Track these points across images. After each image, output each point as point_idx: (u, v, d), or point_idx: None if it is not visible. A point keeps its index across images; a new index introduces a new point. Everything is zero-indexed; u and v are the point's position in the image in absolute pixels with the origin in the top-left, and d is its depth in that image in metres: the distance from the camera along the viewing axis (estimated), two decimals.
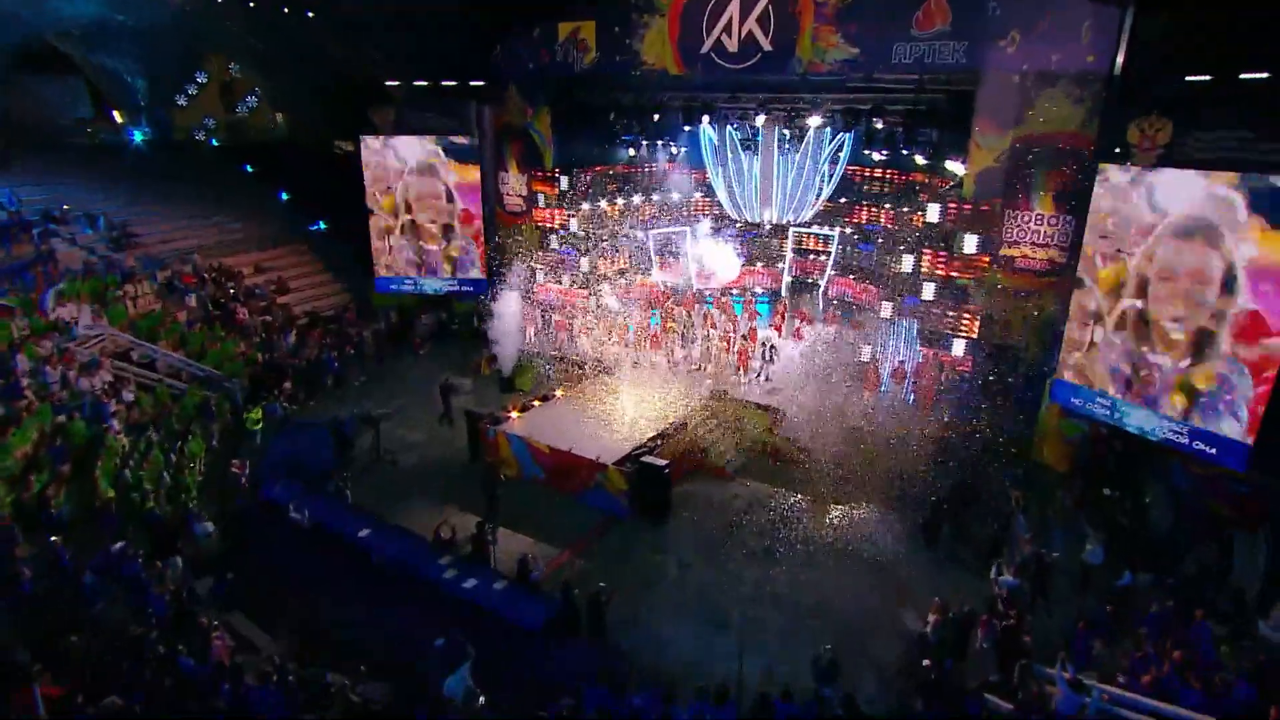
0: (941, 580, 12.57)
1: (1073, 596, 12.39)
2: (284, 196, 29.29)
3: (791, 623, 11.65)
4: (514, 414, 17.39)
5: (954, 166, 17.05)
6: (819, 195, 20.82)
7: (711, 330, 19.32)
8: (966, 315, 16.73)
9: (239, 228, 26.51)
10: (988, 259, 16.22)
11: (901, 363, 17.81)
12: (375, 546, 12.90)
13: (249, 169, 30.83)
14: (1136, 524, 13.29)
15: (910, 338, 18.21)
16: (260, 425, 17.25)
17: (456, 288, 23.88)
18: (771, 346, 18.53)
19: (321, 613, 11.66)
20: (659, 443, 15.43)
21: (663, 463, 14.95)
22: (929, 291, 17.43)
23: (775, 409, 16.43)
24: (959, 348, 17.03)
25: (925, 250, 17.47)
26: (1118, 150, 13.86)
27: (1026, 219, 15.76)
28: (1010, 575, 12.09)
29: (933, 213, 18.05)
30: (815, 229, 21.95)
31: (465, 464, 16.59)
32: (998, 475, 13.95)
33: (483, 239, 23.00)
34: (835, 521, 14.22)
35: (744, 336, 19.87)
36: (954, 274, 16.92)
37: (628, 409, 16.82)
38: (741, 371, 18.29)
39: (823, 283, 21.97)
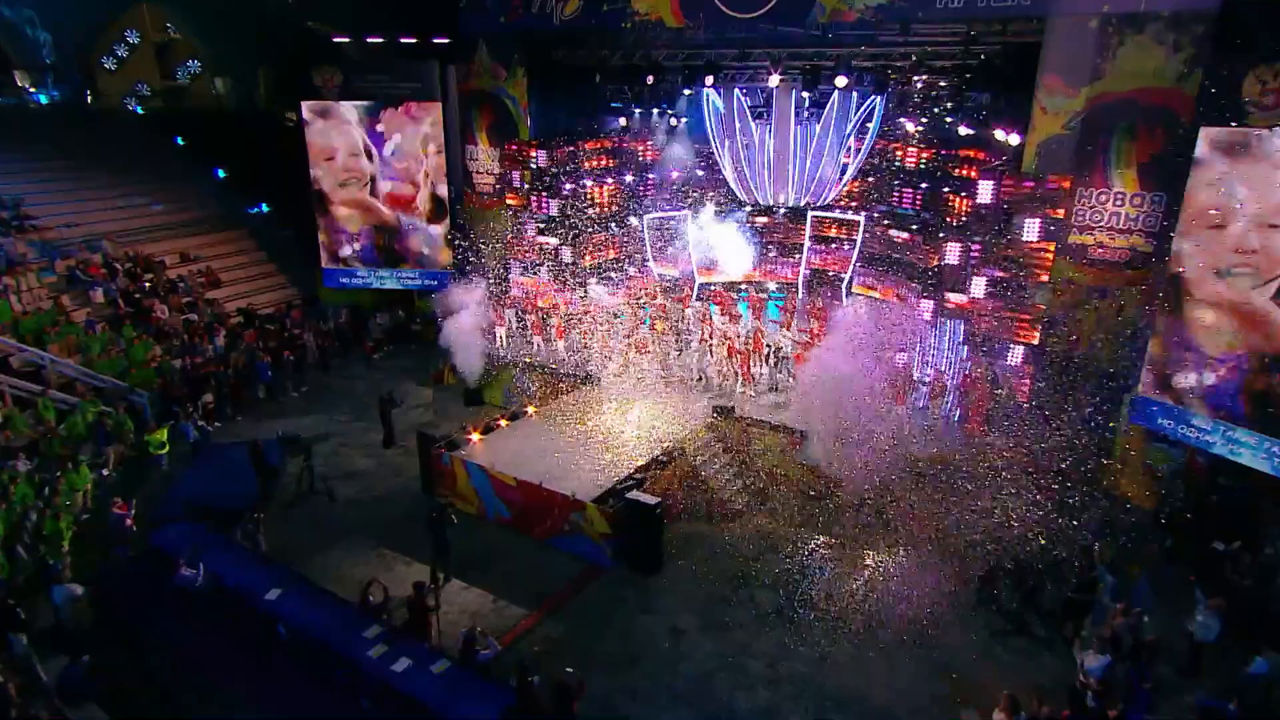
0: (1007, 661, 11.11)
1: (1180, 684, 10.13)
2: (220, 175, 27.75)
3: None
4: (474, 436, 15.96)
5: (1009, 136, 15.52)
6: (844, 173, 19.42)
7: (708, 332, 18.05)
8: (1025, 317, 15.25)
9: (163, 210, 24.86)
10: (1052, 248, 14.77)
11: (942, 373, 16.16)
12: (285, 613, 10.74)
13: (180, 142, 29.05)
14: (1261, 589, 11.07)
15: (955, 344, 16.26)
16: (166, 449, 15.72)
17: (418, 282, 23.02)
18: (779, 352, 17.38)
19: (210, 704, 10.19)
20: (650, 474, 14.28)
21: (654, 500, 13.44)
22: (978, 287, 15.77)
23: (790, 429, 15.21)
24: (1016, 355, 15.37)
25: (974, 239, 15.84)
26: (1226, 109, 11.96)
27: (1103, 198, 14.32)
28: (1098, 656, 9.86)
29: (984, 192, 16.15)
30: (837, 213, 20.67)
31: (417, 497, 15.34)
32: (1072, 519, 12.25)
33: (448, 225, 22.25)
34: (868, 575, 12.84)
35: (747, 341, 18.20)
36: (1010, 267, 15.36)
37: (613, 430, 15.72)
38: (746, 383, 17.18)
39: (846, 277, 20.58)
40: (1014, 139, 15.36)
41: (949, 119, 17.03)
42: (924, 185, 18.60)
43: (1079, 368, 14.36)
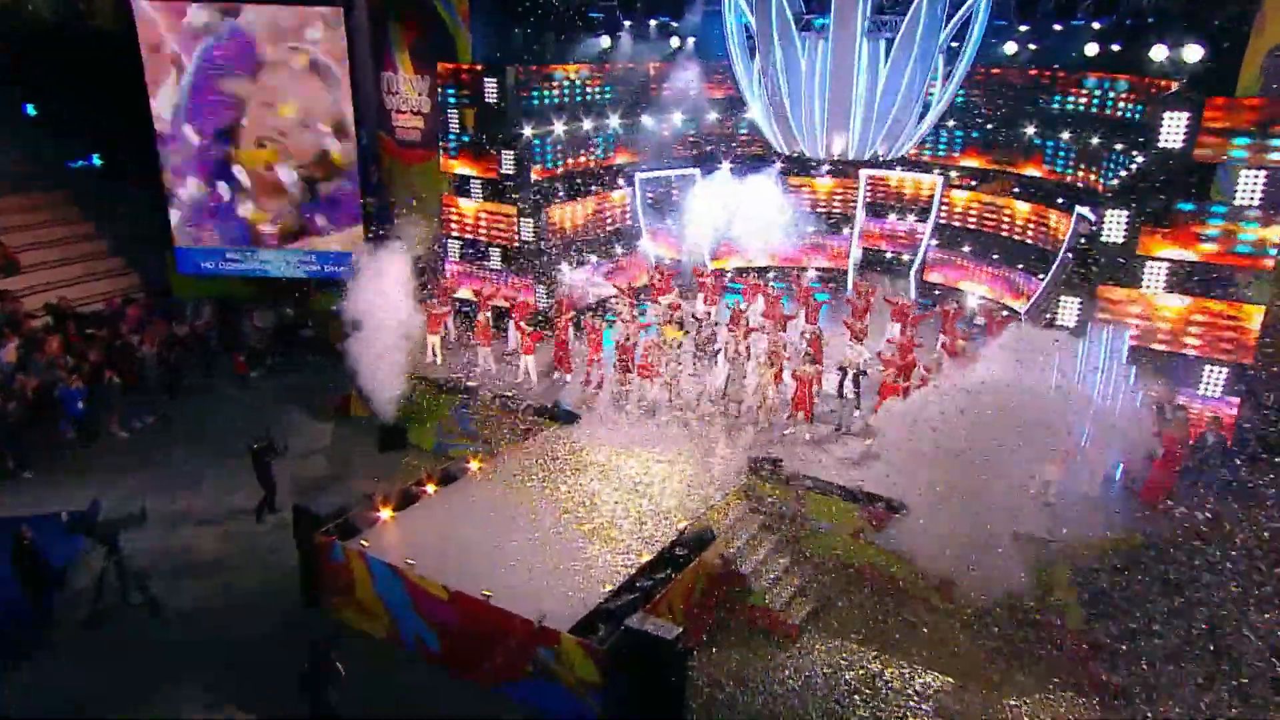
0: None
1: None
2: (30, 112, 25.10)
3: None
4: (384, 513, 13.33)
5: (1182, 51, 14.38)
6: (927, 111, 18.23)
7: (743, 342, 16.44)
8: (1232, 324, 13.65)
9: None
10: None
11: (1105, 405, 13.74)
12: None
13: None
14: None
15: (1116, 364, 13.69)
16: None
17: (314, 268, 21.62)
18: (859, 372, 15.56)
19: None
20: (662, 578, 12.07)
21: (670, 630, 10.84)
22: (1154, 279, 14.14)
23: (871, 498, 13.41)
24: (1214, 382, 13.83)
25: (1147, 203, 14.27)
26: None
27: None
28: None
29: (1170, 131, 13.81)
30: (899, 171, 20.74)
31: (296, 609, 13.24)
32: None
33: (357, 188, 21.08)
34: None
35: (807, 352, 15.71)
36: (1209, 245, 13.78)
37: (603, 501, 13.69)
38: (802, 418, 15.15)
39: (916, 260, 20.33)
40: (1192, 53, 14.04)
41: (1095, 22, 16.23)
42: (1049, 134, 18.21)
43: None
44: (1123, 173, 15.09)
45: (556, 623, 11.11)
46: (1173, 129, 13.62)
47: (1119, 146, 16.18)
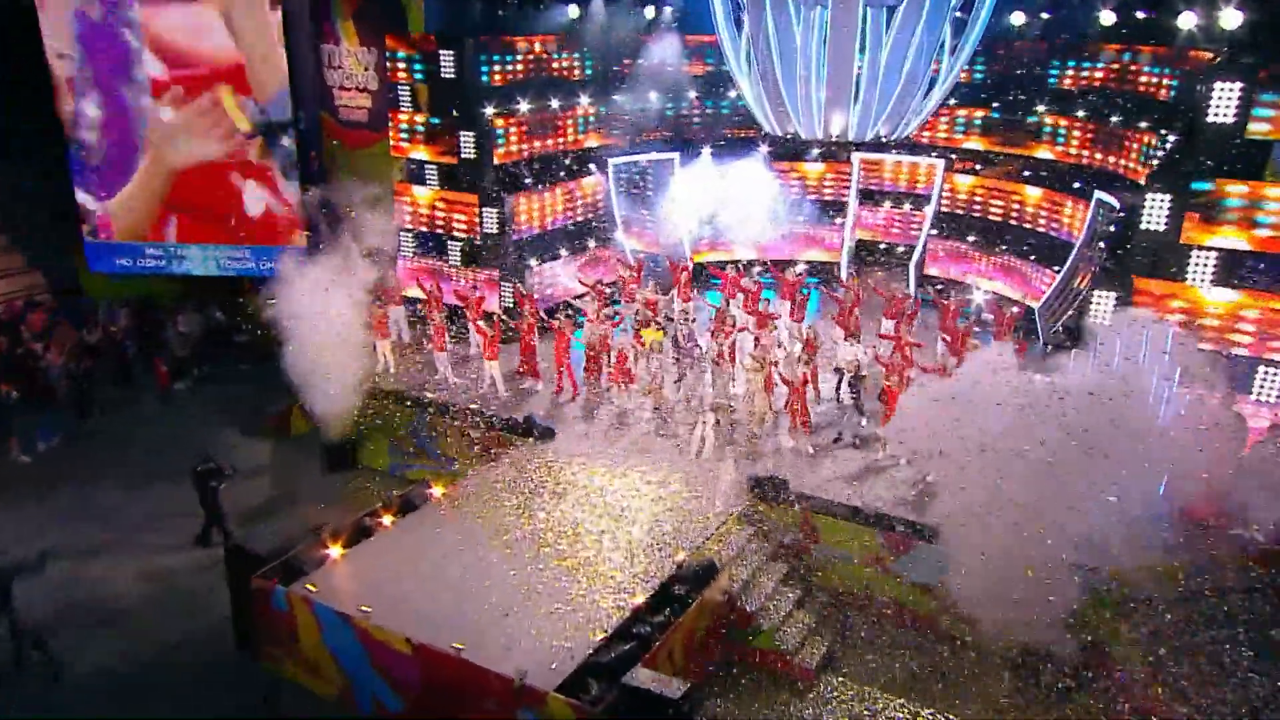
0: None
1: None
2: None
3: None
4: (334, 550, 12.51)
5: (1227, 17, 13.88)
6: (933, 86, 17.71)
7: (726, 343, 16.07)
8: None
9: None
10: None
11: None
12: None
13: None
14: None
15: (1159, 364, 12.94)
16: None
17: (248, 265, 21.15)
18: (854, 377, 15.18)
19: None
20: (661, 621, 11.42)
21: (676, 687, 10.12)
22: (1200, 271, 13.64)
23: (888, 521, 13.04)
24: (1271, 384, 13.36)
25: (1192, 185, 13.77)
26: None
27: None
28: None
29: (1220, 108, 13.16)
30: (895, 155, 20.64)
31: (229, 665, 12.68)
32: None
33: (296, 174, 20.81)
34: None
35: (806, 359, 15.13)
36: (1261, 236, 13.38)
37: (587, 531, 13.07)
38: (801, 431, 14.71)
39: (915, 252, 20.01)
40: (1229, 19, 13.72)
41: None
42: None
43: None
44: (1159, 153, 14.60)
45: (541, 680, 10.35)
46: (1223, 102, 13.04)
47: (1144, 124, 15.83)
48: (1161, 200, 13.71)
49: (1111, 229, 14.85)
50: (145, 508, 15.60)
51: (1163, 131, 15.13)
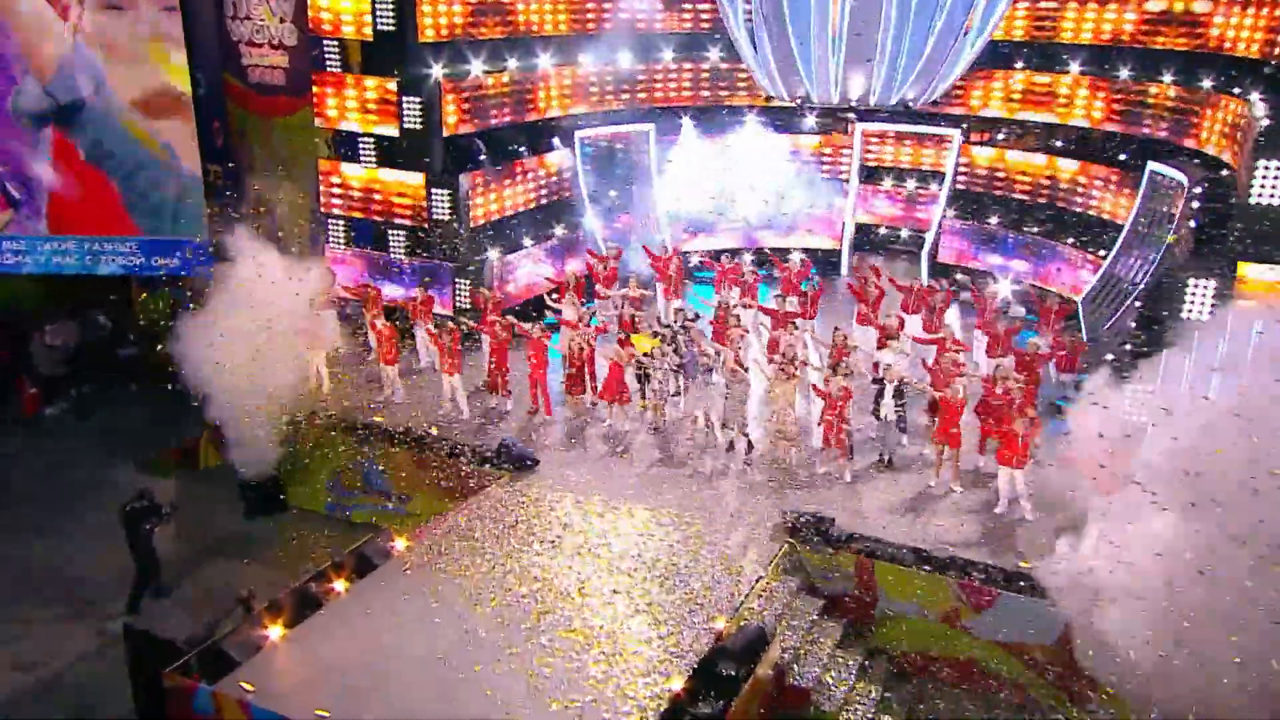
0: None
1: None
2: None
3: None
4: (272, 630, 11.02)
5: None
6: (961, 42, 17.19)
7: (735, 347, 15.17)
8: None
9: None
10: None
11: None
12: None
13: None
14: None
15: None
16: None
17: (135, 262, 20.42)
18: (900, 384, 14.07)
19: None
20: (709, 713, 10.16)
21: None
22: None
23: (970, 565, 12.16)
24: None
25: None
26: None
27: None
28: None
29: None
30: (903, 125, 20.36)
31: None
32: None
33: (197, 151, 20.02)
34: None
35: (842, 367, 14.15)
36: None
37: (593, 590, 11.96)
38: (841, 456, 13.95)
39: (928, 236, 19.98)
40: None
41: None
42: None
43: None
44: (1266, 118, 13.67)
45: None
46: None
47: (1208, 84, 15.29)
48: (1274, 168, 12.80)
49: (1195, 206, 14.20)
50: (10, 571, 14.28)
51: (1233, 90, 14.57)
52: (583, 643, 10.54)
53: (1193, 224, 14.02)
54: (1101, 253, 16.74)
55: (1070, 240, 17.58)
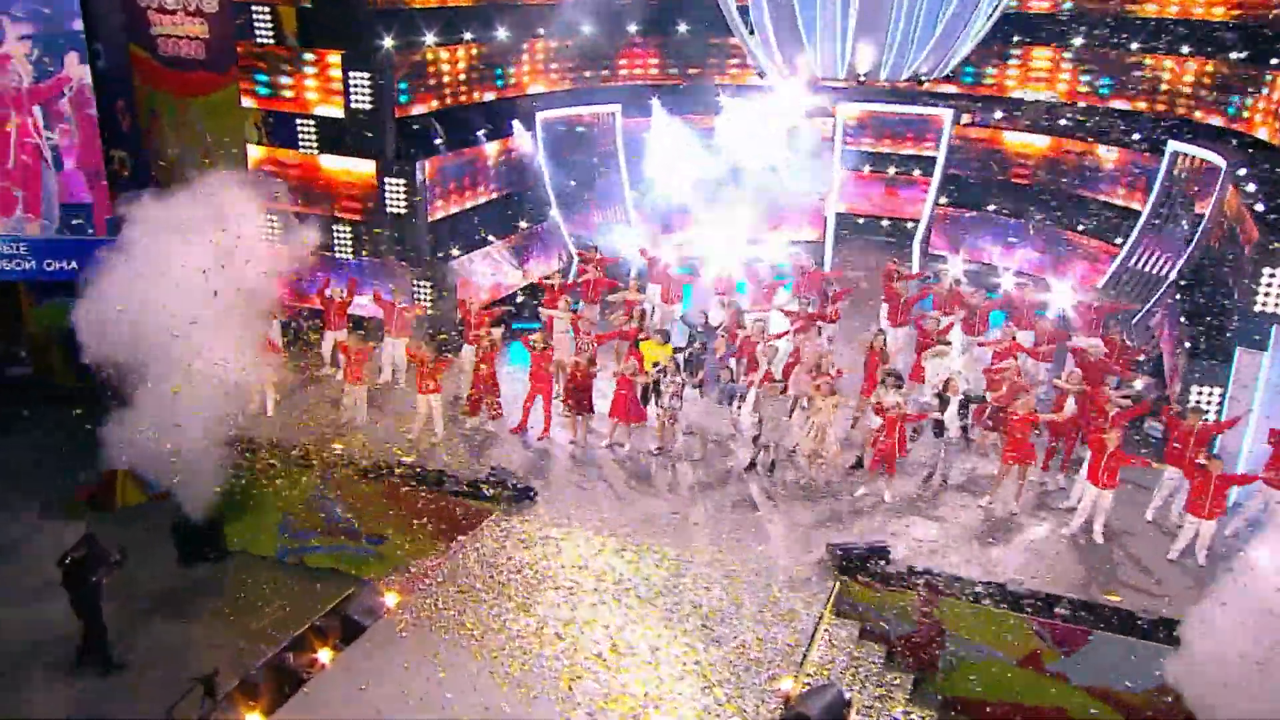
0: None
1: None
2: None
3: None
4: (249, 719, 9.78)
5: None
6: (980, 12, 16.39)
7: (764, 359, 14.23)
8: None
9: None
10: None
11: None
12: None
13: None
14: None
15: None
16: None
17: (26, 265, 19.29)
18: (966, 399, 13.48)
19: None
20: None
21: None
22: None
23: (1052, 602, 11.47)
24: None
25: None
26: None
27: None
28: None
29: None
30: (887, 104, 20.08)
31: None
32: None
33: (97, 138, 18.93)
34: None
35: (892, 381, 13.50)
36: None
37: (628, 647, 10.68)
38: (887, 476, 13.21)
39: (920, 227, 19.63)
40: None
41: None
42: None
43: None
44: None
45: None
46: None
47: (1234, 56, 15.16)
48: None
49: (1251, 187, 13.56)
50: None
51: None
52: (629, 715, 9.35)
53: (1259, 207, 13.43)
54: (1118, 240, 16.40)
55: (1080, 228, 17.23)
